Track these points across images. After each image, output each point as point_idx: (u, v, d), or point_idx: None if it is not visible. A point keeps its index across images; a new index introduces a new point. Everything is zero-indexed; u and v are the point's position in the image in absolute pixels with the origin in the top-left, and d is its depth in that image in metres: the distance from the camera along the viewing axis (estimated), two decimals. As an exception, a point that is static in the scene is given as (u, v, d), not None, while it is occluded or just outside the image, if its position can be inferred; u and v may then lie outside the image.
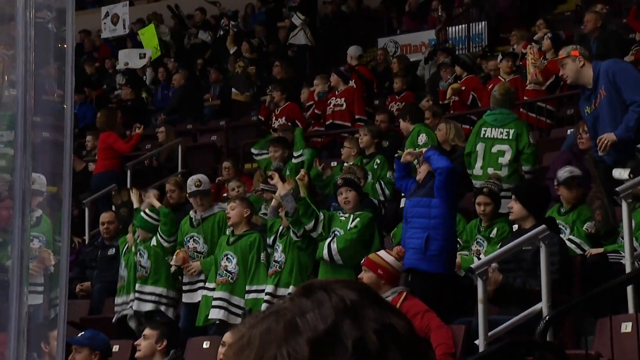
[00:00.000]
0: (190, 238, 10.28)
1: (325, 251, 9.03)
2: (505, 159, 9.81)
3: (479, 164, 9.93)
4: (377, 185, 11.09)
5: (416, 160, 8.78)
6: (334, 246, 8.99)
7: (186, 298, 10.20)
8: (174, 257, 10.18)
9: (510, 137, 9.86)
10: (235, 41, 19.81)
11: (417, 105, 12.81)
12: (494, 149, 9.87)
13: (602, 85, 8.26)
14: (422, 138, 10.90)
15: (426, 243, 8.17)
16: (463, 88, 14.13)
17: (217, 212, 10.37)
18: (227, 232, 10.02)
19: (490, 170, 9.82)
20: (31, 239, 8.29)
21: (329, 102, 14.97)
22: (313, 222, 9.20)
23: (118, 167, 14.77)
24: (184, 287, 10.23)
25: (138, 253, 10.49)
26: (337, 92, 14.94)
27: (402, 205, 10.38)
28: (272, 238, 9.67)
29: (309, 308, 1.51)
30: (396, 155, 9.12)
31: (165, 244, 10.44)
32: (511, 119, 10.00)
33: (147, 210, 10.56)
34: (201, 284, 10.05)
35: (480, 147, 9.96)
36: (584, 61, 8.43)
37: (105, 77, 21.44)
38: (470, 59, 15.19)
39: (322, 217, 9.24)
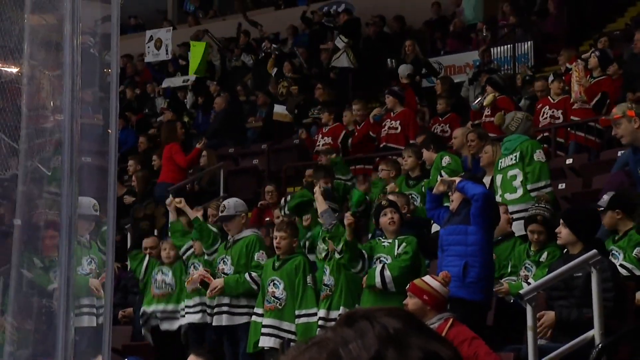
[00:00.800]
0: (222, 260, 10.29)
1: (378, 279, 8.86)
2: (517, 182, 9.88)
3: (498, 193, 9.96)
4: None
5: (448, 189, 8.63)
6: (387, 274, 8.84)
7: (216, 321, 10.19)
8: (189, 281, 10.20)
9: (517, 160, 9.94)
10: (276, 64, 19.69)
11: (437, 134, 12.69)
12: (508, 176, 9.95)
13: None
14: (446, 160, 10.88)
15: (464, 271, 8.09)
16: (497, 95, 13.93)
17: (248, 235, 10.31)
18: (257, 257, 10.07)
19: (507, 196, 9.81)
20: (89, 261, 8.18)
21: (384, 124, 14.71)
22: (360, 264, 9.09)
23: (179, 180, 15.02)
24: (213, 310, 10.26)
25: (192, 266, 10.58)
26: (392, 114, 14.68)
27: (434, 229, 10.38)
28: (324, 254, 9.65)
29: (352, 338, 1.48)
30: (424, 184, 8.95)
31: (207, 257, 10.55)
32: (517, 142, 9.98)
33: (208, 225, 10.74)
34: (226, 308, 10.04)
35: (498, 178, 10.07)
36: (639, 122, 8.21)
37: (146, 101, 21.41)
38: (502, 79, 14.95)
39: (366, 255, 9.13)
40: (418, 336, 1.49)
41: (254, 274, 9.99)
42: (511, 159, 10.01)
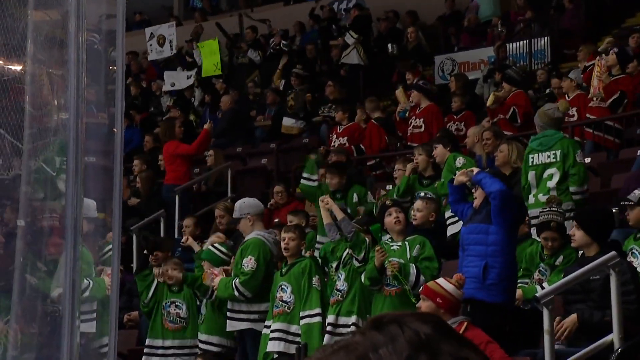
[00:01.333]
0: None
1: (412, 278, 8.69)
2: (552, 182, 9.58)
3: (532, 192, 9.68)
4: None
5: (470, 182, 8.42)
6: (422, 278, 8.60)
7: None
8: (205, 275, 9.98)
9: (558, 159, 9.62)
10: (283, 76, 19.35)
11: (454, 134, 12.51)
12: (545, 174, 9.64)
13: None
14: (460, 161, 10.69)
15: (484, 271, 7.95)
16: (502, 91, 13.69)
17: (249, 238, 9.97)
18: (243, 262, 9.74)
19: (541, 197, 9.54)
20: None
21: (409, 122, 14.41)
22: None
23: (185, 179, 14.78)
24: None
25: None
26: (417, 111, 14.35)
27: (450, 232, 10.28)
28: (335, 264, 9.49)
29: (382, 342, 1.46)
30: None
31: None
32: (556, 139, 9.70)
33: (216, 244, 10.46)
34: (228, 313, 9.84)
35: (531, 175, 9.73)
36: None
37: (151, 99, 21.20)
38: (517, 74, 14.70)
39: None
40: (449, 342, 1.47)
41: (237, 281, 9.67)
42: (548, 156, 9.64)
